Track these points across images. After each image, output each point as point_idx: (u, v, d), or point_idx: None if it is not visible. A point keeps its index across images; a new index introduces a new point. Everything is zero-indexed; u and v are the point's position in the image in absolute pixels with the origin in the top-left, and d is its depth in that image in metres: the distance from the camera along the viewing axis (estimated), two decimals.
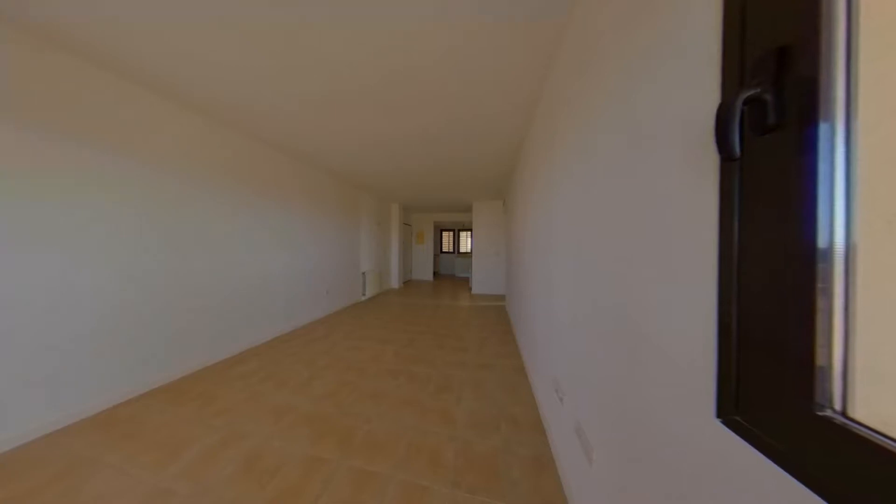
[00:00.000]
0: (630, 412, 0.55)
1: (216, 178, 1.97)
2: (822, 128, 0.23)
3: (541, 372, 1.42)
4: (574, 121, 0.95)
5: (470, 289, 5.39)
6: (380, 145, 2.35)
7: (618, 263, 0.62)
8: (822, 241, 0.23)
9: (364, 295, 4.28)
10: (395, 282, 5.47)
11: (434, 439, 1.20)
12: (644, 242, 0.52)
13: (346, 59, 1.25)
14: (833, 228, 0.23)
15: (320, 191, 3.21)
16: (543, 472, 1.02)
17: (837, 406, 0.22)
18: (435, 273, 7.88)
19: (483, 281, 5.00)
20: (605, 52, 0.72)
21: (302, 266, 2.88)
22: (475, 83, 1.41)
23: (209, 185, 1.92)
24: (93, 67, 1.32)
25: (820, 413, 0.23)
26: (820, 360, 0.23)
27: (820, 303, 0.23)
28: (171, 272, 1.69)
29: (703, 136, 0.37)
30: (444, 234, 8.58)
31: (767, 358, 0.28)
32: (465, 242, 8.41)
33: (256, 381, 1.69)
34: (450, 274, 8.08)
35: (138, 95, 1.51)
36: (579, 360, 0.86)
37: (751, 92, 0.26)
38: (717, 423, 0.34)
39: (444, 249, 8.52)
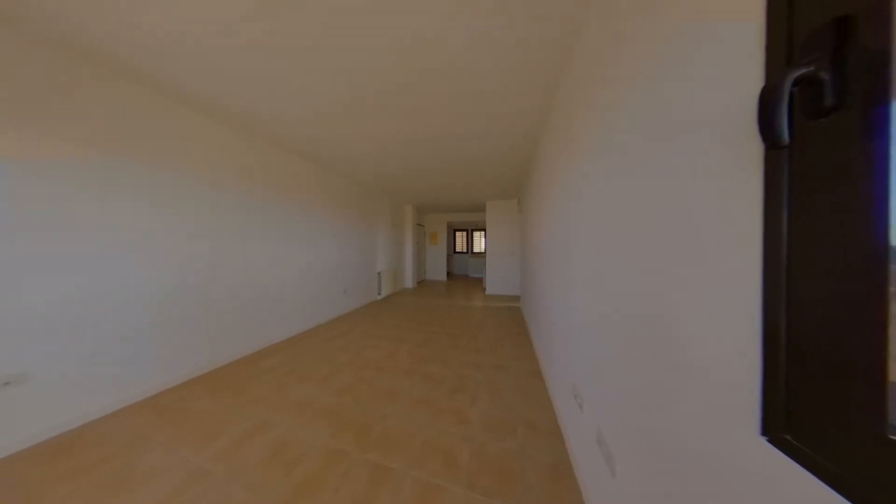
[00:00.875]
0: (657, 423, 0.52)
1: (247, 185, 2.12)
2: (895, 108, 0.20)
3: (558, 376, 1.37)
4: (593, 114, 0.91)
5: (484, 289, 5.33)
6: (395, 149, 2.40)
7: (642, 263, 0.59)
8: (895, 238, 0.20)
9: (380, 294, 4.39)
10: (409, 282, 5.56)
11: (448, 439, 1.20)
12: (673, 241, 0.48)
13: (363, 67, 1.29)
14: None
15: (339, 194, 3.35)
16: (562, 480, 0.98)
17: None
18: (448, 273, 7.90)
19: (497, 281, 4.93)
20: (628, 39, 0.68)
21: (322, 266, 3.02)
22: (490, 82, 1.39)
23: (241, 193, 2.07)
24: (149, 92, 1.49)
25: (893, 437, 0.20)
26: (893, 376, 0.20)
27: (893, 308, 0.20)
28: (211, 273, 1.85)
29: (743, 124, 0.34)
30: (458, 234, 8.56)
31: (825, 371, 0.24)
32: (479, 242, 8.34)
33: (282, 375, 1.80)
34: (463, 274, 8.06)
35: (183, 114, 1.67)
36: (600, 365, 0.82)
37: (802, 71, 0.23)
38: (762, 440, 0.30)
39: (458, 249, 8.51)
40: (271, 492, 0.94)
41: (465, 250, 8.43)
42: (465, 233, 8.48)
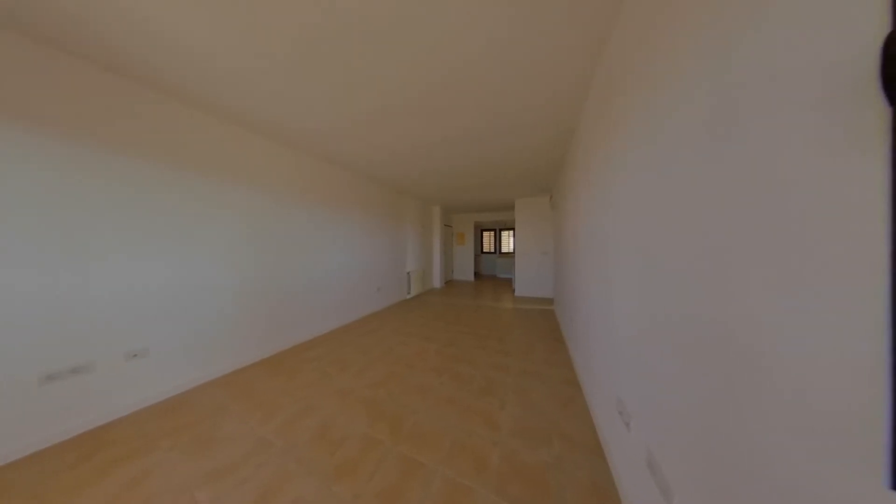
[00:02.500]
0: (730, 455, 0.44)
1: (291, 193, 2.41)
2: None
3: (599, 388, 1.25)
4: (638, 94, 0.81)
5: (513, 290, 5.15)
6: (422, 151, 2.47)
7: (706, 264, 0.50)
8: None
9: (409, 293, 4.56)
10: (437, 282, 5.66)
11: (477, 441, 1.19)
12: (751, 235, 0.41)
13: (392, 75, 1.36)
14: None
15: (370, 198, 3.58)
16: (605, 503, 0.89)
17: None
18: (476, 273, 7.82)
19: (527, 282, 4.70)
20: (681, 4, 0.58)
21: (357, 267, 3.26)
22: (518, 74, 1.34)
23: (286, 200, 2.36)
24: (212, 118, 1.80)
25: None
26: None
27: None
28: (266, 272, 2.14)
29: (855, 83, 0.27)
30: (485, 234, 8.43)
31: None
32: (507, 242, 8.07)
33: (325, 364, 1.99)
34: (491, 275, 7.89)
35: (238, 133, 1.98)
36: (651, 381, 0.72)
37: None
38: (892, 495, 0.23)
39: (485, 250, 8.37)
40: (317, 468, 1.05)
41: (492, 250, 8.25)
42: (492, 233, 8.30)
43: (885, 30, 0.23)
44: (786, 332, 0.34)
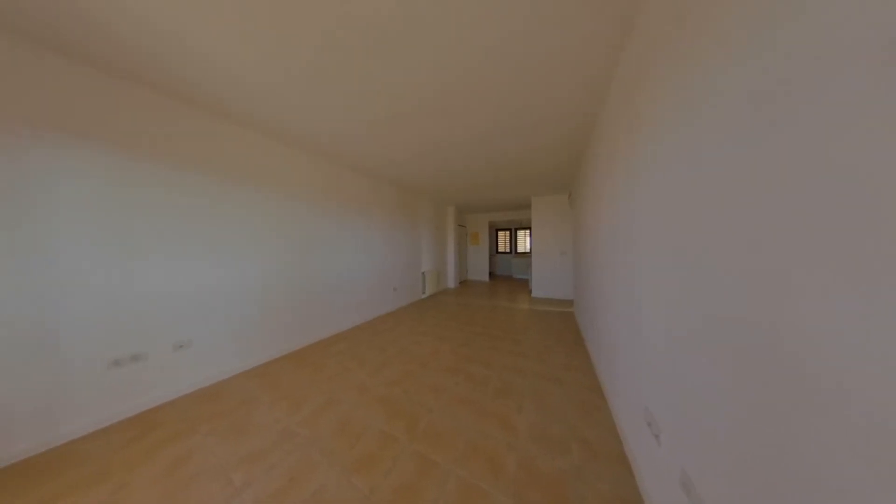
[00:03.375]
0: (781, 482, 0.39)
1: (312, 197, 2.53)
2: None
3: (624, 396, 1.17)
4: (669, 78, 0.75)
5: (530, 291, 5.01)
6: (437, 152, 2.48)
7: (754, 262, 0.45)
8: None
9: (424, 293, 4.61)
10: (451, 282, 5.67)
11: (493, 443, 1.17)
12: (803, 229, 0.36)
13: (406, 78, 1.38)
14: None
15: (386, 200, 3.67)
16: None
17: None
18: (491, 274, 7.72)
19: (545, 283, 4.55)
20: None
21: (375, 267, 3.36)
22: (535, 69, 1.30)
23: (309, 203, 2.49)
24: (243, 129, 1.94)
25: None
26: None
27: None
28: (291, 272, 2.27)
29: None
30: (500, 233, 8.29)
31: None
32: (524, 242, 7.88)
33: (346, 360, 2.07)
34: (507, 275, 7.75)
35: (264, 142, 2.12)
36: (686, 392, 0.66)
37: None
38: None
39: (501, 249, 8.23)
40: (338, 460, 1.10)
41: (508, 250, 8.10)
42: (507, 232, 8.14)
43: None
44: (850, 340, 0.30)
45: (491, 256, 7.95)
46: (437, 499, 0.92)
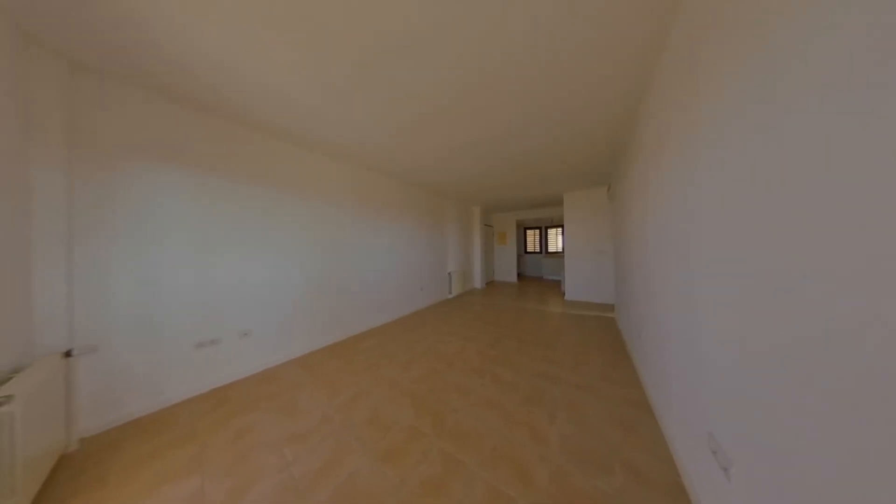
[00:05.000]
0: None
1: (345, 202, 2.74)
2: None
3: (681, 417, 1.03)
4: (744, 34, 0.63)
5: (562, 293, 4.69)
6: (462, 152, 2.49)
7: (875, 264, 0.35)
8: None
9: (450, 293, 4.64)
10: (478, 282, 5.60)
11: (521, 452, 1.13)
12: None
13: (432, 81, 1.41)
14: None
15: (412, 202, 3.79)
16: None
17: None
18: (519, 274, 7.42)
19: (580, 285, 4.21)
20: None
21: (402, 267, 3.50)
22: (567, 54, 1.21)
23: (342, 208, 2.69)
24: (293, 146, 2.18)
25: None
26: None
27: None
28: (328, 272, 2.50)
29: None
30: (529, 232, 7.93)
31: None
32: (555, 241, 7.40)
33: (375, 356, 2.20)
34: (536, 276, 7.37)
35: (309, 158, 2.35)
36: (768, 421, 0.55)
37: None
38: None
39: (529, 249, 7.87)
40: (370, 448, 1.17)
41: (537, 250, 7.70)
42: (537, 231, 7.75)
43: None
44: None
45: (519, 257, 7.65)
46: (462, 499, 0.92)
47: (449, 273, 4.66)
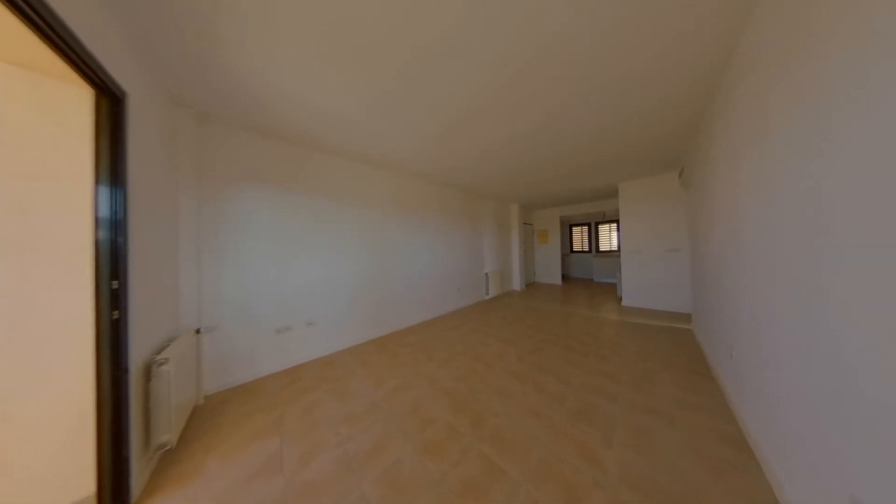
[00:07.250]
0: None
1: (388, 206, 2.94)
2: None
3: (804, 470, 0.79)
4: None
5: (619, 298, 4.10)
6: (501, 149, 2.41)
7: None
8: None
9: (487, 294, 4.54)
10: (517, 284, 5.34)
11: (572, 472, 1.03)
12: None
13: (470, 82, 1.40)
14: None
15: (449, 203, 3.85)
16: None
17: None
18: (564, 276, 6.79)
19: (641, 289, 3.61)
20: None
21: (440, 267, 3.59)
22: (626, 21, 1.05)
23: (385, 212, 2.91)
24: (344, 161, 2.47)
25: None
26: None
27: None
28: (375, 271, 2.73)
29: None
30: (575, 229, 7.18)
31: None
32: (608, 238, 6.53)
33: (417, 350, 2.31)
34: (585, 278, 6.64)
35: (356, 168, 2.61)
36: None
37: None
38: None
39: (576, 248, 7.12)
40: (411, 440, 1.23)
41: (585, 248, 6.91)
42: (584, 228, 6.96)
43: None
44: None
45: (564, 256, 6.99)
46: None
47: (486, 273, 4.57)
